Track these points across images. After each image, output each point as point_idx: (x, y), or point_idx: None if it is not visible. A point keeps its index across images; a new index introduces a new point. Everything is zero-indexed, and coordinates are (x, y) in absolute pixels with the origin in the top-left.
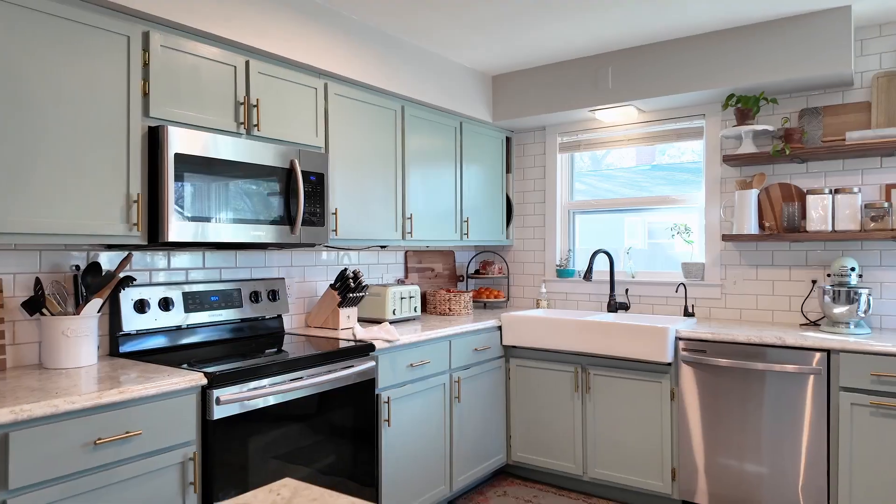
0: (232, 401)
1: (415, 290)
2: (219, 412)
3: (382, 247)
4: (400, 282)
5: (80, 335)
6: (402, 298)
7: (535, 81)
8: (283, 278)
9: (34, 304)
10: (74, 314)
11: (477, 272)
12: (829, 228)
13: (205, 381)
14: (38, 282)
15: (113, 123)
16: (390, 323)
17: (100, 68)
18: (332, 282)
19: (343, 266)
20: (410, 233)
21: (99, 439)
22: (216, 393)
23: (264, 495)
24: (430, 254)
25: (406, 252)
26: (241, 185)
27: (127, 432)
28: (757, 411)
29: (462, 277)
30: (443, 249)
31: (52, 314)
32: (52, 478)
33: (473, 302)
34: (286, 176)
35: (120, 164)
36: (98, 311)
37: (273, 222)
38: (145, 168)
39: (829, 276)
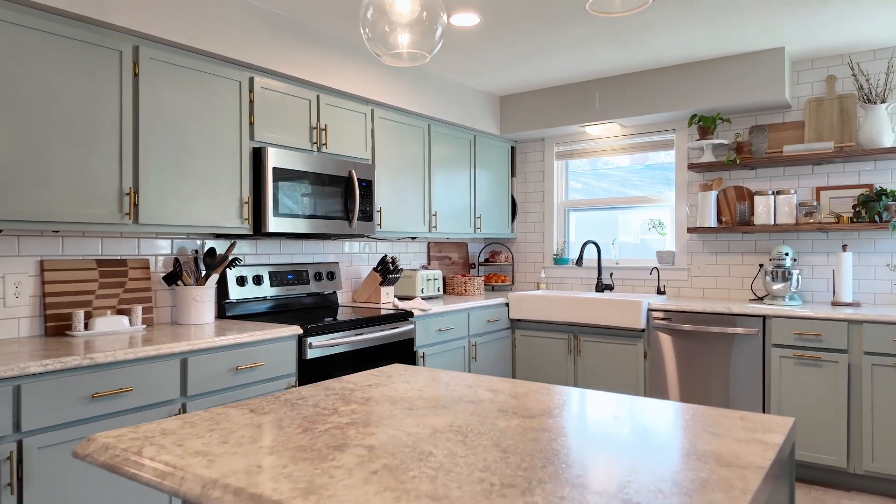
0: (319, 346)
1: (438, 273)
2: (311, 353)
3: (413, 238)
4: (424, 267)
5: (204, 300)
6: (428, 280)
7: (535, 101)
8: (338, 262)
9: (172, 278)
10: (200, 285)
11: (486, 260)
12: (772, 222)
13: (301, 331)
14: (176, 261)
15: (231, 146)
16: (420, 299)
17: (223, 105)
18: (375, 266)
19: (379, 255)
20: (435, 227)
21: (238, 366)
22: (310, 339)
23: (390, 368)
24: (448, 245)
25: (429, 243)
26: (314, 189)
27: (254, 363)
28: (715, 364)
29: (474, 265)
30: (458, 241)
31: (185, 285)
32: (209, 391)
33: (484, 285)
34: (345, 182)
35: (235, 175)
36: (215, 284)
37: (336, 218)
38: (251, 178)
39: (770, 260)
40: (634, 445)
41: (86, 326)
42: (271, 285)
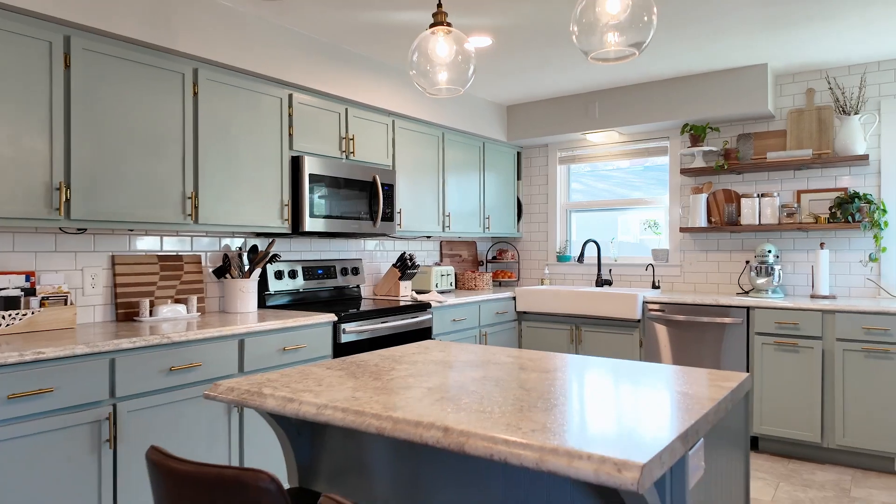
0: (351, 332)
1: (450, 269)
2: (344, 338)
3: (427, 237)
4: (437, 264)
5: (249, 291)
6: (441, 276)
7: (540, 110)
8: (361, 259)
9: (220, 271)
10: (245, 278)
11: (494, 258)
12: (757, 222)
13: (335, 318)
14: (225, 257)
15: (273, 155)
16: (435, 293)
17: (267, 119)
18: (394, 262)
19: (396, 252)
20: (449, 226)
21: (285, 347)
22: (343, 326)
23: (425, 343)
24: (458, 243)
25: (441, 241)
26: (343, 193)
27: (298, 345)
28: (704, 351)
29: (482, 262)
30: (468, 240)
31: (233, 278)
32: (260, 367)
33: (492, 280)
34: (370, 186)
35: (277, 181)
36: (258, 277)
37: (362, 218)
38: (290, 183)
39: (755, 257)
40: (628, 386)
41: (150, 313)
42: (304, 279)
